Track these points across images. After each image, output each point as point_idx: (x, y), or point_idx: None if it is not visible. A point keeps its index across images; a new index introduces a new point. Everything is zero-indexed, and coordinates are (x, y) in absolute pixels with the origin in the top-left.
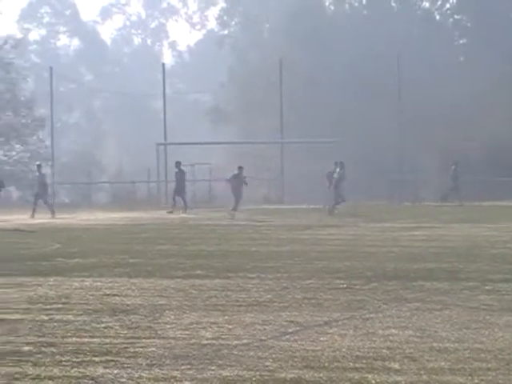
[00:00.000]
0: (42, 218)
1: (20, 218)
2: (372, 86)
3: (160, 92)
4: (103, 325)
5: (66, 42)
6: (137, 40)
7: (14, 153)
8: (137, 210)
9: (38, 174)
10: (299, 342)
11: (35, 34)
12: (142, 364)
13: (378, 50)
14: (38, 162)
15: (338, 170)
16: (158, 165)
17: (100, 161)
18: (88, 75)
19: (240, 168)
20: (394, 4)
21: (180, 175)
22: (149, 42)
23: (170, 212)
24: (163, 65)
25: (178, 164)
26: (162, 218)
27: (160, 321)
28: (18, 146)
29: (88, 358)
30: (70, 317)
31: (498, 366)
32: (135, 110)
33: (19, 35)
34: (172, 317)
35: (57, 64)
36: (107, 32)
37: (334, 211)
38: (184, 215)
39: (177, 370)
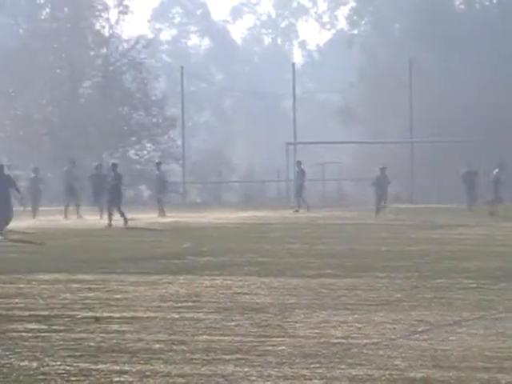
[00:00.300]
0: (173, 217)
1: (151, 217)
2: (503, 85)
3: (290, 91)
4: (233, 323)
5: (197, 42)
6: (267, 39)
7: (145, 152)
8: (266, 209)
9: (157, 172)
10: (429, 342)
11: (166, 34)
12: (271, 362)
13: (509, 48)
14: (157, 160)
15: (496, 170)
16: (288, 164)
17: (230, 160)
18: (218, 74)
19: (383, 169)
20: None
21: (300, 175)
22: (279, 41)
23: (296, 211)
24: (293, 64)
25: (298, 163)
26: (290, 217)
27: (290, 319)
28: (149, 145)
29: (218, 356)
30: (201, 315)
31: None
32: (265, 110)
33: (151, 35)
34: (302, 315)
35: (187, 63)
36: (238, 31)
37: (496, 211)
38: (307, 214)
39: (306, 368)
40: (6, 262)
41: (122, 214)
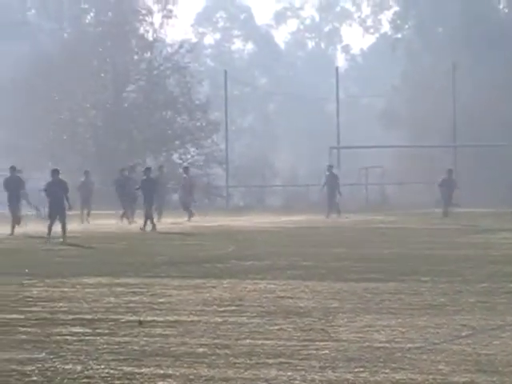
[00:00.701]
0: (217, 221)
1: (194, 220)
2: None
3: (333, 95)
4: (277, 327)
5: (241, 46)
6: (310, 44)
7: (188, 156)
8: (309, 213)
9: (185, 175)
10: (472, 346)
11: (210, 38)
12: (315, 366)
13: None
14: (185, 165)
15: None
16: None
17: (273, 164)
18: (262, 79)
19: (450, 171)
20: None
21: (331, 179)
22: (322, 45)
23: (338, 215)
24: (337, 68)
25: (329, 167)
26: (333, 221)
27: (333, 323)
28: (193, 149)
29: (262, 360)
30: (244, 319)
31: None
32: (309, 114)
33: (194, 39)
34: (345, 319)
35: (231, 68)
36: (281, 36)
37: None
38: (335, 219)
39: (350, 372)
40: (50, 265)
41: (151, 219)
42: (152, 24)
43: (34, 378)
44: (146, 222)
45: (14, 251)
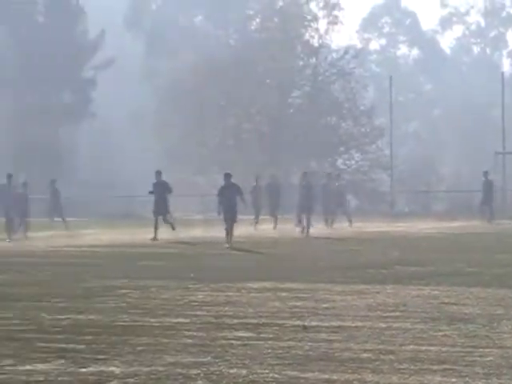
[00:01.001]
0: (381, 227)
1: (357, 226)
2: None
3: (499, 101)
4: (441, 333)
5: (406, 52)
6: (476, 49)
7: (353, 162)
8: (473, 218)
9: (337, 183)
10: None
11: (375, 44)
12: (479, 373)
13: None
14: (336, 172)
15: None
16: (496, 174)
17: (438, 170)
18: (427, 84)
19: None
20: None
21: (487, 185)
22: (488, 50)
23: (489, 222)
24: (502, 74)
25: (485, 174)
26: (496, 227)
27: (498, 330)
28: (357, 154)
29: (425, 366)
30: (408, 325)
31: None
32: (474, 119)
33: (359, 45)
34: (510, 326)
35: (396, 73)
36: (446, 41)
37: None
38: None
39: None
40: (215, 270)
41: (308, 222)
42: (317, 30)
43: (200, 382)
44: (308, 227)
45: (179, 256)
